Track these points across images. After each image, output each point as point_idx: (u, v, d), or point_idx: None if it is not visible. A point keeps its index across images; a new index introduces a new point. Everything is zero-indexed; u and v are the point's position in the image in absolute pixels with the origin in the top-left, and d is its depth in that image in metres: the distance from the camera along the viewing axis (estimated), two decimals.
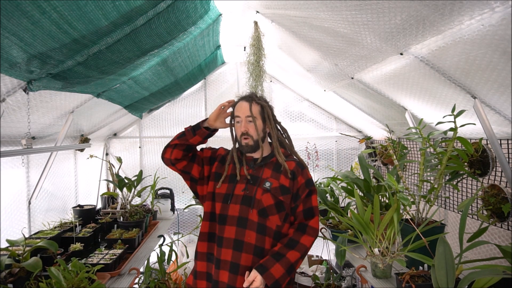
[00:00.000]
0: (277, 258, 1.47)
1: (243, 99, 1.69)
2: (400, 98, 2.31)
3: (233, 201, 1.58)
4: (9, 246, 1.92)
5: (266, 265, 1.45)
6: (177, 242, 3.41)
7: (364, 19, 1.56)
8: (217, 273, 1.52)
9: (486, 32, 1.20)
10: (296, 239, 1.53)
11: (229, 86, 4.07)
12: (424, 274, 1.72)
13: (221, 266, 1.51)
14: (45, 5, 1.16)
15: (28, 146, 1.99)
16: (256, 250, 1.51)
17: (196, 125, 1.70)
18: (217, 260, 1.53)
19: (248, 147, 1.63)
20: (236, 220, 1.55)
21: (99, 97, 2.44)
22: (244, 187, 1.60)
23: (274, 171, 1.62)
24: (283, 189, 1.57)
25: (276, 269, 1.44)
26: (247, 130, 1.62)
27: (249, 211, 1.55)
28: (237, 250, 1.51)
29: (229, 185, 1.63)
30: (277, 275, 1.43)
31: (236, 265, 1.50)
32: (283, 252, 1.49)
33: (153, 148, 4.02)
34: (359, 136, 4.08)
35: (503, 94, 1.51)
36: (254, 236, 1.52)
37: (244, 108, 1.64)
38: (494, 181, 2.01)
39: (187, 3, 1.81)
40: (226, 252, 1.52)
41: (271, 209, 1.55)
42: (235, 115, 1.67)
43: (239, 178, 1.63)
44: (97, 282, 1.76)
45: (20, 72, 1.54)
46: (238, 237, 1.52)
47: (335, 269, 3.21)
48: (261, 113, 1.66)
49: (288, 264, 1.47)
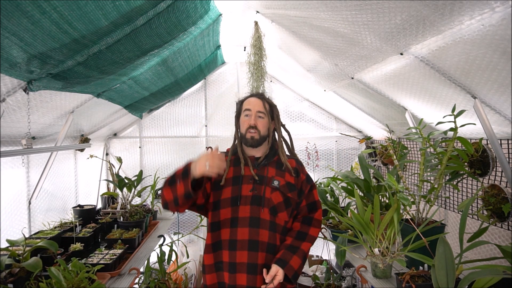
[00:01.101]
0: (293, 250, 1.54)
1: (253, 96, 1.72)
2: (400, 98, 2.31)
3: (243, 203, 1.58)
4: (9, 246, 1.92)
5: (285, 259, 1.51)
6: (177, 242, 3.41)
7: (364, 19, 1.56)
8: (233, 277, 1.51)
9: (486, 32, 1.20)
10: (305, 231, 1.62)
11: (229, 86, 4.08)
12: (424, 274, 1.72)
13: (238, 269, 1.51)
14: (45, 5, 1.16)
15: (28, 146, 1.99)
16: (269, 247, 1.55)
17: (184, 171, 1.44)
18: (232, 264, 1.51)
19: (254, 140, 1.63)
20: (248, 221, 1.55)
21: (99, 97, 2.44)
22: (251, 187, 1.60)
23: (278, 170, 1.66)
24: (290, 186, 1.63)
25: (294, 261, 1.52)
26: (256, 124, 1.64)
27: (261, 210, 1.57)
28: (253, 250, 1.52)
29: (233, 187, 1.61)
30: (296, 266, 1.51)
31: (254, 265, 1.51)
32: (296, 244, 1.57)
33: (153, 148, 4.02)
34: (359, 136, 4.08)
35: (503, 94, 1.51)
36: (267, 234, 1.55)
37: (256, 103, 1.67)
38: (494, 181, 2.01)
39: (187, 3, 1.81)
40: (241, 254, 1.51)
41: (281, 206, 1.59)
42: (245, 108, 1.67)
43: (244, 179, 1.62)
44: (97, 282, 1.76)
45: (20, 72, 1.54)
46: (253, 237, 1.53)
47: (335, 269, 3.21)
48: (270, 112, 1.69)
49: (303, 254, 1.56)
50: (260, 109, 1.66)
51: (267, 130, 1.67)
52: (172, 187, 1.46)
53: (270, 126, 1.69)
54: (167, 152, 4.02)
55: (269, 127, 1.68)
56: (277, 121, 1.71)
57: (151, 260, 2.69)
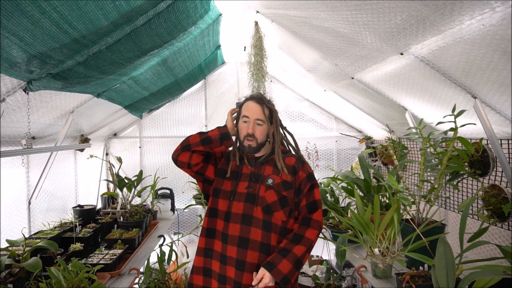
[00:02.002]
0: (283, 254, 1.49)
1: (253, 99, 1.69)
2: (400, 98, 2.30)
3: (236, 199, 1.60)
4: (9, 246, 1.92)
5: (273, 262, 1.47)
6: (177, 242, 3.41)
7: (364, 19, 1.56)
8: (223, 268, 1.55)
9: (487, 32, 1.20)
10: (301, 234, 1.56)
11: (229, 86, 4.07)
12: (424, 274, 1.71)
13: (227, 262, 1.54)
14: (45, 5, 1.16)
15: (28, 146, 1.99)
16: (263, 247, 1.54)
17: (223, 134, 1.66)
18: (223, 256, 1.56)
19: (251, 149, 1.64)
20: (241, 218, 1.56)
21: (99, 97, 2.43)
22: (247, 185, 1.62)
23: (275, 168, 1.65)
24: (285, 184, 1.61)
25: (283, 265, 1.46)
26: (253, 132, 1.63)
27: (254, 208, 1.57)
28: (242, 248, 1.53)
29: (232, 182, 1.65)
30: (285, 270, 1.45)
31: (242, 262, 1.52)
32: (289, 247, 1.51)
33: (153, 148, 4.02)
34: (359, 136, 4.08)
35: (503, 94, 1.50)
36: (260, 233, 1.54)
37: (255, 110, 1.64)
38: (495, 181, 2.01)
39: (187, 3, 1.80)
40: (231, 249, 1.54)
41: (275, 205, 1.58)
42: (244, 114, 1.67)
43: (242, 176, 1.65)
44: (97, 282, 1.76)
45: (20, 72, 1.54)
46: (243, 235, 1.54)
47: (335, 269, 3.21)
48: (269, 117, 1.68)
49: (294, 258, 1.48)
50: (258, 116, 1.64)
51: (265, 136, 1.67)
52: (202, 135, 1.64)
53: (269, 130, 1.69)
54: (167, 152, 4.02)
55: (268, 131, 1.68)
56: (276, 126, 1.71)
57: (151, 260, 2.69)
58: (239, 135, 1.69)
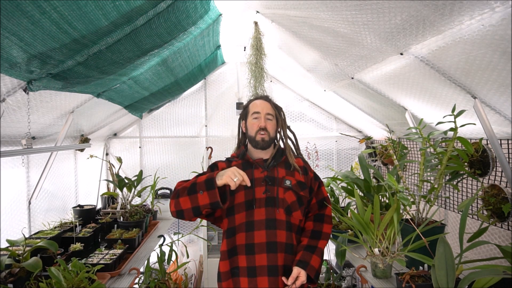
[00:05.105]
0: (311, 250, 1.56)
1: (259, 98, 1.75)
2: (400, 98, 2.31)
3: (257, 205, 1.58)
4: (9, 246, 1.92)
5: (305, 260, 1.52)
6: (177, 242, 3.41)
7: (364, 19, 1.56)
8: (253, 282, 1.51)
9: (486, 32, 1.20)
10: (319, 230, 1.64)
11: (229, 86, 4.07)
12: (424, 274, 1.72)
13: (258, 273, 1.51)
14: (45, 5, 1.16)
15: (28, 146, 1.99)
16: (287, 247, 1.56)
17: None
18: (251, 268, 1.52)
19: (264, 142, 1.65)
20: (265, 223, 1.55)
21: (99, 97, 2.44)
22: (264, 190, 1.60)
23: (288, 169, 1.68)
24: (301, 184, 1.65)
25: (314, 260, 1.53)
26: (265, 126, 1.65)
27: (276, 211, 1.57)
28: (272, 252, 1.52)
29: (246, 191, 1.60)
30: (316, 265, 1.54)
31: (275, 267, 1.51)
32: (313, 244, 1.59)
33: (153, 148, 4.02)
34: (359, 136, 4.08)
35: (503, 94, 1.51)
36: (284, 234, 1.56)
37: (264, 106, 1.70)
38: (494, 181, 2.01)
39: (187, 3, 1.80)
40: (260, 258, 1.52)
41: (294, 205, 1.61)
42: (254, 111, 1.69)
43: (256, 181, 1.61)
44: (97, 282, 1.76)
45: (20, 72, 1.54)
46: (270, 239, 1.54)
47: (335, 269, 3.21)
48: (276, 115, 1.72)
49: (321, 253, 1.59)
50: (268, 111, 1.68)
51: (275, 132, 1.71)
52: (191, 196, 1.44)
53: (277, 129, 1.72)
54: (167, 152, 4.02)
55: (276, 129, 1.71)
56: (283, 124, 1.74)
57: (151, 260, 2.68)
58: (249, 133, 1.69)
